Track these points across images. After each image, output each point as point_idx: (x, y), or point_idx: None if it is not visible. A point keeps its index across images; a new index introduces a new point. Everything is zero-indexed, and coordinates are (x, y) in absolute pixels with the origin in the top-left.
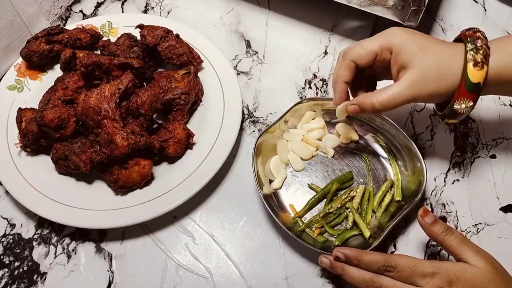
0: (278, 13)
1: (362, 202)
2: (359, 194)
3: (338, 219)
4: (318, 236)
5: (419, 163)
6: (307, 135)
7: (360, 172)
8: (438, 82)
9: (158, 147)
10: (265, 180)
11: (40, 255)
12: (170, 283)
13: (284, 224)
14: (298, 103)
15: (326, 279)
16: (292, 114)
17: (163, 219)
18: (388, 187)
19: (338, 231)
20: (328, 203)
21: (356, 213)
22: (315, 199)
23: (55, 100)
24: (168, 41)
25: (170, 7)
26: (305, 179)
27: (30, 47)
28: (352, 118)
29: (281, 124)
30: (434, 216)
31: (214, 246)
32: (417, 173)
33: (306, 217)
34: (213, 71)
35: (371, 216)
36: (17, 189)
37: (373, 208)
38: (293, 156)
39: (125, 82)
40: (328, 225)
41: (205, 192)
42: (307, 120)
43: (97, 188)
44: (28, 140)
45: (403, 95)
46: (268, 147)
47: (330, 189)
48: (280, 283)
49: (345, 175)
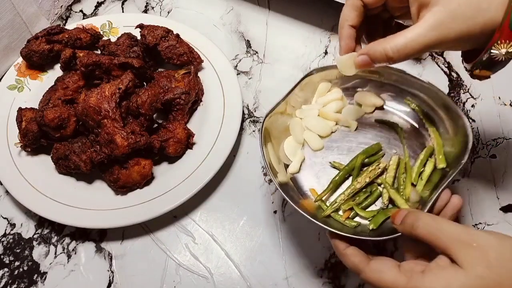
0: (278, 13)
1: (398, 175)
2: (393, 166)
3: (371, 198)
4: (347, 221)
5: (461, 120)
6: (323, 109)
7: (391, 142)
8: (472, 20)
9: (158, 147)
10: (279, 167)
11: (40, 254)
12: (170, 282)
13: (306, 211)
14: (306, 76)
15: (326, 278)
16: (302, 88)
17: (163, 219)
18: (427, 154)
19: (372, 213)
20: (354, 179)
21: (392, 189)
22: (339, 177)
23: (55, 100)
24: (168, 40)
25: (170, 7)
26: (326, 158)
27: (30, 47)
28: (368, 83)
29: (292, 101)
30: (404, 211)
31: (214, 246)
32: (460, 133)
33: (331, 200)
34: (213, 71)
35: (410, 191)
36: (17, 189)
37: (411, 181)
38: (309, 134)
39: (125, 82)
40: (359, 206)
41: (205, 192)
42: (322, 92)
43: (97, 188)
44: (28, 140)
45: (425, 37)
46: (280, 129)
47: (354, 163)
48: (280, 283)
49: (372, 147)
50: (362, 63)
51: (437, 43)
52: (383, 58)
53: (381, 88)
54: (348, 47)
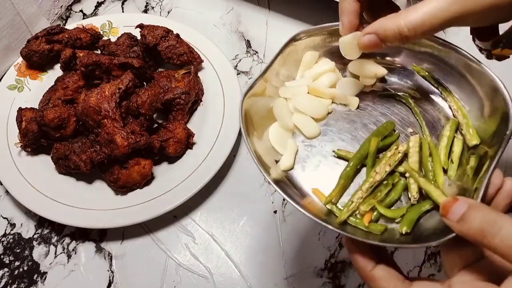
0: (278, 13)
1: (423, 160)
2: (415, 149)
3: (394, 192)
4: (371, 225)
5: (492, 81)
6: (314, 84)
7: (404, 120)
8: None
9: (158, 146)
10: (271, 160)
11: (40, 254)
12: (170, 283)
13: (316, 216)
14: (290, 42)
15: (326, 278)
16: (284, 61)
17: (163, 219)
18: (453, 129)
19: (401, 211)
20: (370, 170)
21: (421, 177)
22: (350, 169)
23: (55, 99)
24: (168, 40)
25: (170, 7)
26: (326, 146)
27: (30, 47)
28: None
29: (272, 79)
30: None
31: (214, 245)
32: (490, 99)
33: (343, 201)
34: (213, 71)
35: (443, 178)
36: (17, 189)
37: (442, 165)
38: (300, 118)
39: (125, 81)
40: (381, 204)
41: (205, 192)
42: (308, 64)
43: (97, 188)
44: (28, 139)
45: (446, 11)
46: (262, 113)
47: (368, 149)
48: (280, 283)
49: (385, 126)
50: (370, 43)
51: (458, 17)
52: (396, 37)
53: (378, 53)
54: (352, 24)
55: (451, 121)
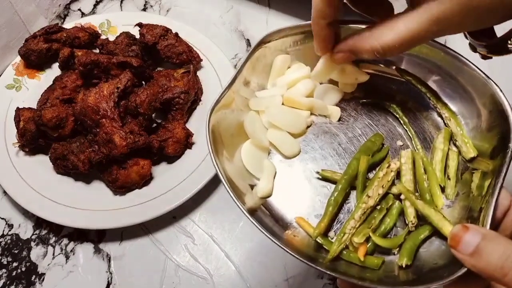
0: (278, 12)
1: (417, 179)
2: (408, 165)
3: (389, 219)
4: (367, 259)
5: (487, 85)
6: (289, 93)
7: (391, 131)
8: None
9: (157, 146)
10: (244, 186)
11: (38, 255)
12: (169, 284)
13: (303, 254)
14: (259, 45)
15: (326, 280)
16: (253, 68)
17: (162, 219)
18: (447, 141)
19: (398, 240)
20: (361, 194)
21: (418, 200)
22: (339, 193)
23: (54, 99)
24: (167, 39)
25: (169, 5)
26: (308, 166)
27: (29, 46)
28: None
29: (240, 89)
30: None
31: (213, 246)
32: (487, 106)
33: (331, 234)
34: (213, 70)
35: (442, 199)
36: (15, 189)
37: (438, 182)
38: (276, 134)
39: (124, 81)
40: (376, 235)
41: (205, 193)
42: (280, 70)
43: (96, 188)
44: (26, 139)
45: (422, 30)
46: (231, 130)
47: (357, 169)
48: (281, 284)
49: (373, 140)
50: (343, 60)
51: (437, 32)
52: (371, 56)
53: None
54: (326, 49)
55: (444, 130)
